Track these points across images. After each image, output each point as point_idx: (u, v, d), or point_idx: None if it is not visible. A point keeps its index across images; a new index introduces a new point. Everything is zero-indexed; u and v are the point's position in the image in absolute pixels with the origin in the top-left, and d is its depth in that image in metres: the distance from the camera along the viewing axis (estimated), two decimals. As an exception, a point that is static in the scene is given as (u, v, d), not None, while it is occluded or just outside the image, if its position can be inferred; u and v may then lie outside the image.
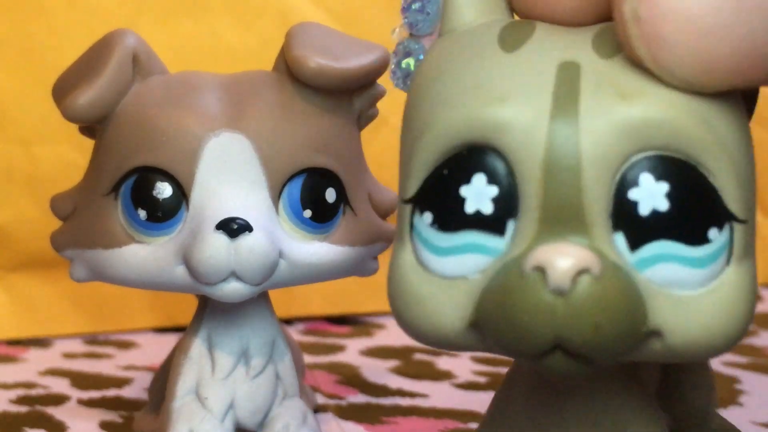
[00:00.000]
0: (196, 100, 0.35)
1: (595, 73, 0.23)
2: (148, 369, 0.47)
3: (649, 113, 0.23)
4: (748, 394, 0.43)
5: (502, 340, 0.23)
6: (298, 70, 0.34)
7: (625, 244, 0.23)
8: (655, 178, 0.23)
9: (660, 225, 0.23)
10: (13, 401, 0.43)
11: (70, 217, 0.36)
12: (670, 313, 0.23)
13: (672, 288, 0.23)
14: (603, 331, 0.22)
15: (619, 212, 0.23)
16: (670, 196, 0.23)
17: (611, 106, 0.23)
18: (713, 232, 0.23)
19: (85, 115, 0.35)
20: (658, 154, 0.23)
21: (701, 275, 0.23)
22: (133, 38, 0.35)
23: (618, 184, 0.23)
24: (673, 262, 0.23)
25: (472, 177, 0.23)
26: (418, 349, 0.50)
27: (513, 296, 0.23)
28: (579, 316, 0.22)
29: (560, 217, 0.23)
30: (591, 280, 0.22)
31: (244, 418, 0.36)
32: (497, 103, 0.23)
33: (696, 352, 0.23)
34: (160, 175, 0.34)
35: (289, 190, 0.34)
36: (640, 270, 0.23)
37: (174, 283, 0.34)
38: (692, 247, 0.23)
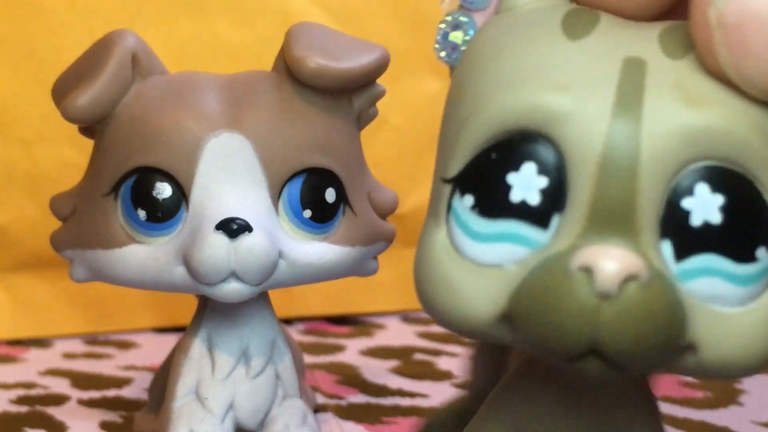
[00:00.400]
0: (195, 100, 0.35)
1: (661, 72, 0.23)
2: (148, 369, 0.47)
3: (714, 122, 0.22)
4: (748, 394, 0.43)
5: (537, 337, 0.22)
6: (298, 70, 0.34)
7: (671, 252, 0.22)
8: (711, 189, 0.22)
9: (710, 238, 0.22)
10: (13, 401, 0.43)
11: (69, 217, 0.36)
12: (707, 329, 0.22)
13: (712, 303, 0.22)
14: (643, 341, 0.22)
15: (669, 219, 0.22)
16: (725, 210, 0.22)
17: (676, 109, 0.22)
18: (761, 251, 0.22)
19: (85, 116, 0.35)
20: (717, 165, 0.22)
21: (742, 293, 0.22)
22: (133, 38, 0.35)
23: (672, 191, 0.22)
24: (717, 277, 0.22)
25: (521, 165, 0.23)
26: (418, 349, 0.50)
27: (554, 294, 0.22)
28: (622, 323, 0.22)
29: (610, 217, 0.22)
30: (639, 287, 0.22)
31: (244, 418, 0.36)
32: (558, 91, 0.22)
33: (728, 370, 0.23)
34: (160, 176, 0.34)
35: (288, 190, 0.34)
36: (683, 281, 0.22)
37: (174, 283, 0.34)
38: (739, 264, 0.22)
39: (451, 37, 0.26)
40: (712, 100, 0.22)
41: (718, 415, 0.41)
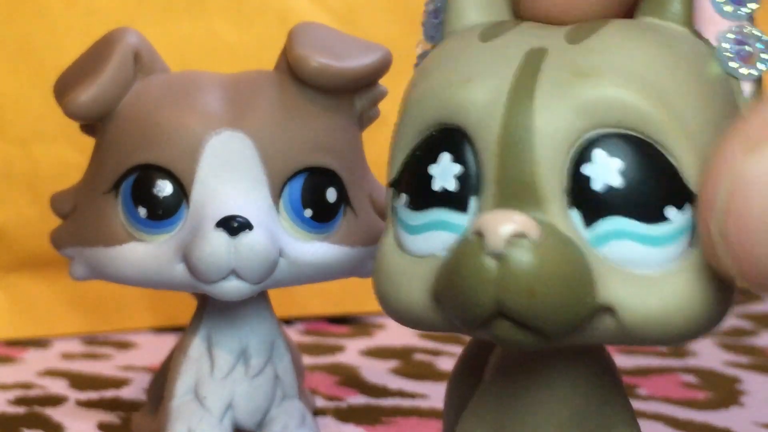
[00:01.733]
0: (197, 98, 0.35)
1: (558, 56, 0.24)
2: (146, 369, 0.47)
3: (602, 91, 0.23)
4: (748, 394, 0.43)
5: (452, 307, 0.24)
6: (300, 69, 0.34)
7: (580, 219, 0.23)
8: (608, 154, 0.23)
9: (613, 201, 0.23)
10: (11, 402, 0.43)
11: (70, 215, 0.36)
12: (623, 291, 0.23)
13: (629, 266, 0.23)
14: (538, 297, 0.23)
15: (573, 188, 0.23)
16: (623, 173, 0.23)
17: (566, 84, 0.23)
18: (671, 211, 0.23)
19: (87, 113, 0.35)
20: (612, 131, 0.23)
21: (659, 255, 0.23)
22: (135, 36, 0.35)
23: (573, 161, 0.23)
24: (628, 239, 0.23)
25: (438, 156, 0.24)
26: (418, 350, 0.50)
27: (458, 262, 0.23)
28: (513, 280, 0.23)
29: (515, 192, 0.23)
30: (527, 244, 0.23)
31: (242, 418, 0.36)
32: (462, 83, 0.24)
33: (653, 334, 0.23)
34: (161, 173, 0.34)
35: (289, 189, 0.34)
36: (596, 246, 0.23)
37: (174, 281, 0.34)
38: (648, 224, 0.23)
39: None
40: (602, 71, 0.23)
41: (719, 416, 0.41)
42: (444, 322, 0.25)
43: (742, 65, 0.24)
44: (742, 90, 0.25)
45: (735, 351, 0.49)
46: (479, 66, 0.25)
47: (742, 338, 0.51)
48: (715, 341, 0.50)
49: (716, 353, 0.49)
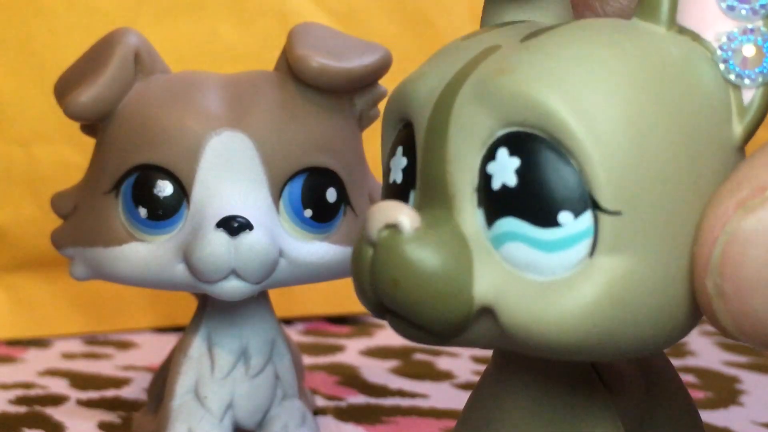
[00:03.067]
0: (197, 98, 0.35)
1: (501, 53, 0.23)
2: (147, 369, 0.47)
3: (514, 87, 0.22)
4: (748, 394, 0.43)
5: (358, 298, 0.24)
6: (300, 69, 0.34)
7: (483, 219, 0.23)
8: (509, 153, 0.22)
9: (508, 201, 0.22)
10: (12, 401, 0.43)
11: (70, 215, 0.36)
12: (510, 294, 0.22)
13: (524, 271, 0.22)
14: (402, 288, 0.22)
15: (480, 187, 0.23)
16: (519, 172, 0.22)
17: (488, 80, 0.23)
18: (565, 216, 0.22)
19: (87, 113, 0.35)
20: (518, 130, 0.22)
21: (552, 261, 0.22)
22: (136, 37, 0.35)
23: (483, 159, 0.23)
24: (520, 242, 0.22)
25: (396, 149, 0.25)
26: (418, 349, 0.50)
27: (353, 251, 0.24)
28: (379, 268, 0.22)
29: (430, 188, 0.23)
30: (393, 234, 0.22)
31: (243, 417, 0.36)
32: (416, 78, 0.24)
33: (536, 342, 0.22)
34: (161, 174, 0.34)
35: (289, 189, 0.34)
36: (496, 247, 0.22)
37: (174, 281, 0.34)
38: (539, 228, 0.22)
39: None
40: (519, 68, 0.22)
41: (718, 416, 0.41)
42: None
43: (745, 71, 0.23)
44: (741, 98, 0.23)
45: (734, 351, 0.49)
46: (438, 62, 0.24)
47: (741, 338, 0.51)
48: (715, 341, 0.50)
49: (716, 353, 0.49)
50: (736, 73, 0.23)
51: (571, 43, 0.23)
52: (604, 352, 0.22)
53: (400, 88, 0.25)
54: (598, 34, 0.23)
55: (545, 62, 0.22)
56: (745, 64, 0.23)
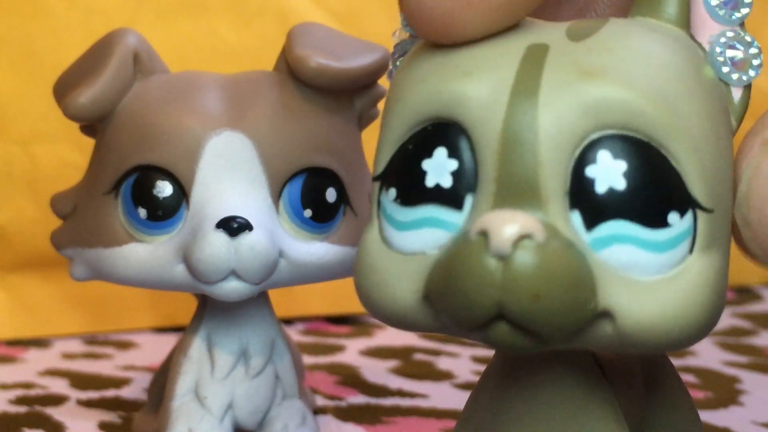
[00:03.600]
0: (197, 99, 0.35)
1: (561, 54, 0.23)
2: (147, 369, 0.47)
3: (609, 92, 0.23)
4: (748, 394, 0.43)
5: (448, 308, 0.23)
6: (299, 69, 0.34)
7: (581, 222, 0.23)
8: (612, 156, 0.23)
9: (616, 204, 0.22)
10: (12, 401, 0.43)
11: (70, 215, 0.36)
12: (623, 296, 0.23)
13: (628, 271, 0.23)
14: (542, 301, 0.22)
15: (576, 190, 0.23)
16: (628, 176, 0.22)
17: (572, 83, 0.23)
18: (673, 217, 0.23)
19: (86, 114, 0.35)
20: (617, 133, 0.23)
21: (659, 261, 0.23)
22: (135, 37, 0.35)
23: (576, 162, 0.23)
24: (629, 244, 0.23)
25: (433, 150, 0.24)
26: (418, 349, 0.50)
27: (457, 262, 0.23)
28: (518, 283, 0.22)
29: (516, 192, 0.23)
30: (533, 246, 0.22)
31: (243, 418, 0.36)
32: (462, 77, 0.23)
33: (650, 340, 0.23)
34: (161, 174, 0.34)
35: (289, 189, 0.34)
36: (596, 250, 0.23)
37: (174, 282, 0.34)
38: (650, 229, 0.23)
39: (399, 62, 0.26)
40: (607, 72, 0.23)
41: (718, 416, 0.41)
42: (434, 322, 0.24)
43: (734, 71, 0.24)
44: (733, 96, 0.24)
45: (735, 351, 0.49)
46: (478, 60, 0.24)
47: (741, 338, 0.51)
48: (715, 341, 0.50)
49: (716, 353, 0.49)
50: (724, 74, 0.24)
51: (641, 44, 0.24)
52: (690, 343, 0.23)
53: (435, 87, 0.24)
54: (654, 35, 0.24)
55: (632, 66, 0.23)
56: (732, 66, 0.24)
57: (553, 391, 0.25)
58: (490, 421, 0.26)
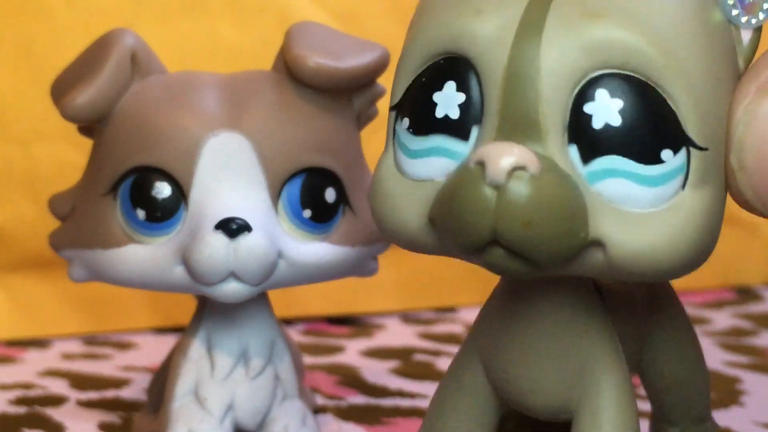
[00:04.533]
0: (195, 99, 0.35)
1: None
2: (147, 370, 0.47)
3: (609, 32, 0.24)
4: (748, 394, 0.43)
5: (448, 232, 0.24)
6: (298, 69, 0.34)
7: (578, 156, 0.24)
8: (610, 94, 0.24)
9: (612, 139, 0.24)
10: (12, 402, 0.43)
11: (68, 217, 0.36)
12: (615, 227, 0.24)
13: (621, 203, 0.24)
14: (534, 228, 0.23)
15: (574, 125, 0.24)
16: (624, 113, 0.24)
17: (575, 22, 0.24)
18: (667, 153, 0.24)
19: (84, 115, 0.34)
20: (616, 72, 0.24)
21: (652, 194, 0.24)
22: (132, 38, 0.35)
23: (576, 98, 0.24)
24: (623, 178, 0.24)
25: (444, 84, 0.25)
26: (418, 350, 0.50)
27: (456, 189, 0.24)
28: (511, 210, 0.23)
29: (517, 124, 0.24)
30: (526, 177, 0.23)
31: (243, 418, 0.36)
32: (472, 14, 0.25)
33: (639, 269, 0.24)
34: (159, 175, 0.34)
35: (288, 189, 0.34)
36: (592, 183, 0.24)
37: (173, 283, 0.34)
38: (644, 165, 0.24)
39: None
40: (610, 13, 0.24)
41: (719, 416, 0.41)
42: (438, 245, 0.25)
43: (743, 14, 0.25)
44: (741, 38, 0.25)
45: (735, 351, 0.49)
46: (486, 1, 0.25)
47: (742, 338, 0.51)
48: (716, 341, 0.50)
49: (716, 353, 0.49)
50: (734, 17, 0.25)
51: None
52: (683, 273, 0.25)
53: (448, 23, 0.25)
54: None
55: (635, 8, 0.24)
56: (742, 9, 0.25)
57: (552, 316, 0.27)
58: (493, 345, 0.28)
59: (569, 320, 0.27)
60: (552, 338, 0.27)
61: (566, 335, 0.27)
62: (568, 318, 0.27)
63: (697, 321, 0.53)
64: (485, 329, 0.28)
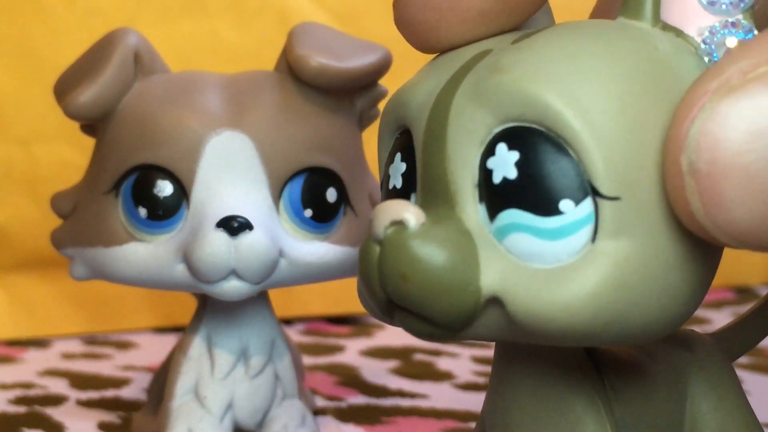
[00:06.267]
0: (197, 98, 0.35)
1: (494, 55, 0.24)
2: (147, 369, 0.47)
3: (508, 85, 0.23)
4: (749, 394, 0.43)
5: (363, 296, 0.25)
6: (300, 69, 0.34)
7: (485, 213, 0.23)
8: (508, 147, 0.23)
9: (509, 193, 0.23)
10: (12, 401, 0.43)
11: (70, 215, 0.36)
12: (514, 283, 0.23)
13: (527, 259, 0.23)
14: (411, 283, 0.23)
15: (480, 182, 0.24)
16: (519, 165, 0.23)
17: (482, 80, 0.24)
18: (566, 204, 0.23)
19: (87, 113, 0.35)
20: (516, 125, 0.23)
21: (555, 248, 0.23)
22: (135, 37, 0.35)
23: (482, 155, 0.24)
24: (523, 232, 0.23)
25: (395, 156, 0.25)
26: (418, 350, 0.50)
27: (360, 250, 0.24)
28: (387, 263, 0.23)
29: (431, 188, 0.24)
30: (399, 230, 0.23)
31: (242, 417, 0.36)
32: (411, 86, 0.25)
33: (544, 329, 0.23)
34: (161, 173, 0.34)
35: (289, 189, 0.34)
36: (500, 239, 0.23)
37: (174, 281, 0.34)
38: (541, 217, 0.23)
39: None
40: (513, 67, 0.23)
41: (718, 416, 0.41)
42: None
43: None
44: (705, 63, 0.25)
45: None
46: (433, 69, 0.25)
47: (741, 338, 0.51)
48: (715, 341, 0.50)
49: (716, 353, 0.49)
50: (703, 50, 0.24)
51: (562, 40, 0.24)
52: (610, 337, 0.23)
53: (397, 97, 0.26)
54: (587, 32, 0.24)
55: (539, 60, 0.23)
56: None
57: (543, 385, 0.26)
58: (490, 410, 0.27)
59: (554, 389, 0.26)
60: (537, 407, 0.26)
61: (550, 405, 0.26)
62: (552, 387, 0.26)
63: (697, 321, 0.53)
64: (487, 395, 0.28)
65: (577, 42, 0.24)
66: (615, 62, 0.23)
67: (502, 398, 0.27)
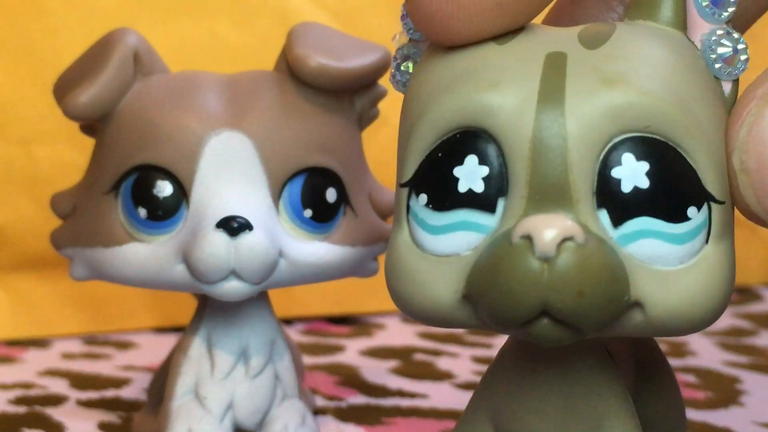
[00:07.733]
0: (197, 99, 0.35)
1: (580, 61, 0.25)
2: (147, 369, 0.47)
3: (630, 98, 0.24)
4: (748, 394, 0.43)
5: (492, 308, 0.24)
6: (300, 69, 0.34)
7: (608, 220, 0.24)
8: (636, 158, 0.24)
9: (641, 202, 0.24)
10: (12, 402, 0.43)
11: (70, 215, 0.36)
12: (650, 286, 0.24)
13: (653, 263, 0.24)
14: (586, 298, 0.24)
15: (602, 190, 0.24)
16: (650, 175, 0.24)
17: (595, 90, 0.24)
18: (692, 211, 0.24)
19: (86, 113, 0.35)
20: (639, 135, 0.24)
21: (681, 252, 0.24)
22: (135, 37, 0.35)
23: (602, 164, 0.24)
24: (653, 238, 0.24)
25: (464, 158, 0.25)
26: (418, 349, 0.50)
27: (502, 264, 0.24)
28: (563, 282, 0.24)
29: (547, 194, 0.24)
30: (575, 247, 0.24)
31: (243, 418, 0.36)
32: (489, 89, 0.25)
33: (676, 325, 0.25)
34: (161, 174, 0.34)
35: (289, 189, 0.34)
36: (623, 245, 0.24)
37: (174, 281, 0.34)
38: (672, 224, 0.24)
39: (403, 67, 0.28)
40: (627, 79, 0.24)
41: (718, 416, 0.41)
42: (474, 320, 0.25)
43: (725, 66, 0.26)
44: (723, 89, 0.26)
45: (735, 351, 0.49)
46: (502, 70, 0.25)
47: (742, 338, 0.51)
48: (715, 341, 0.50)
49: (716, 353, 0.49)
50: (716, 70, 0.26)
51: (652, 50, 0.25)
52: (707, 324, 0.25)
53: (463, 97, 0.25)
54: (660, 40, 0.26)
55: (649, 71, 0.25)
56: (723, 62, 0.26)
57: (566, 377, 0.27)
58: (506, 406, 0.27)
59: (583, 380, 0.27)
60: (567, 398, 0.27)
61: (580, 395, 0.27)
62: (582, 378, 0.27)
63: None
64: (496, 390, 0.28)
65: (664, 50, 0.25)
66: (694, 72, 0.25)
67: (528, 390, 0.27)
